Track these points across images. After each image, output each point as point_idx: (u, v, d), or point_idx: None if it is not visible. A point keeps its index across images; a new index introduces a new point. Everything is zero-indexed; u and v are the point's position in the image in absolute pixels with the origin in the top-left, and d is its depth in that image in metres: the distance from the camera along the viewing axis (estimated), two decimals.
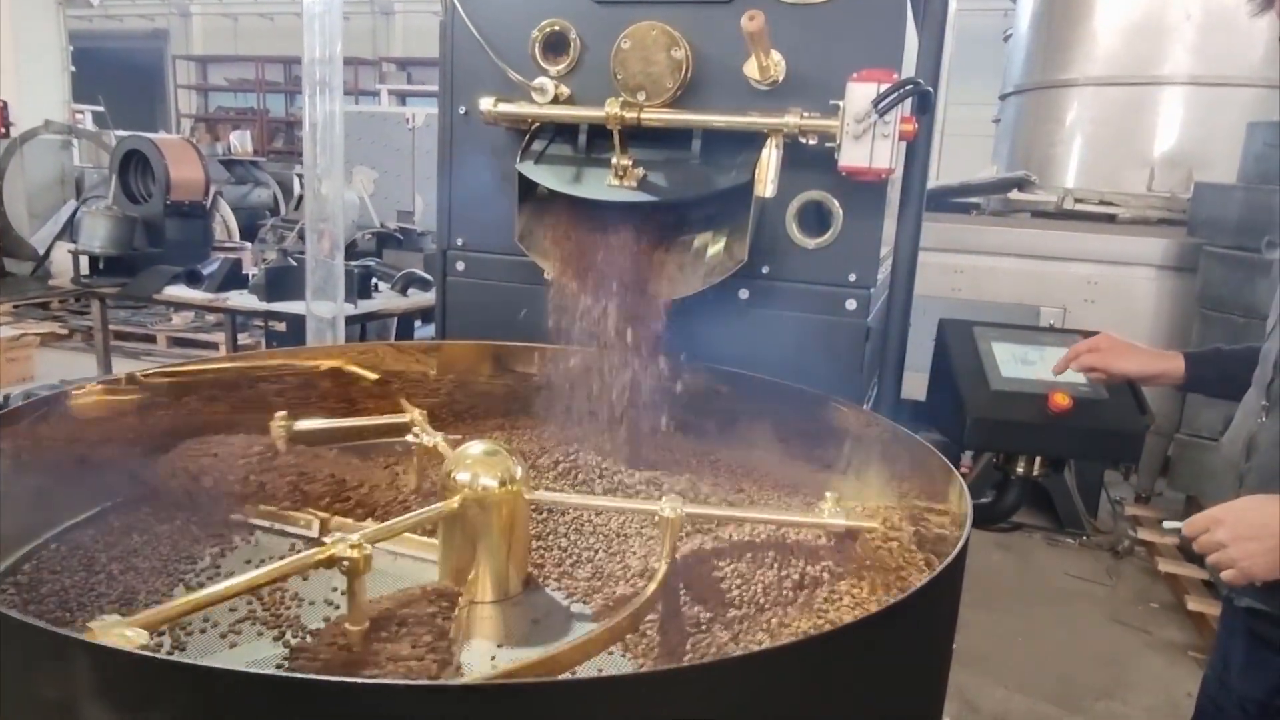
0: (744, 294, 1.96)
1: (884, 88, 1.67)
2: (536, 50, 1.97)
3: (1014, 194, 5.73)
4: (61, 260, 8.12)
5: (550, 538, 1.51)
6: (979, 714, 3.15)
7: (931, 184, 6.75)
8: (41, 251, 9.22)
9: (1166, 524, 1.58)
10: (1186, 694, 3.36)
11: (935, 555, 1.34)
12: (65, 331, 7.97)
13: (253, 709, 0.78)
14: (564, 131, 1.96)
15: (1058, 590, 4.21)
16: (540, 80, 1.93)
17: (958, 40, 8.32)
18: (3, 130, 9.73)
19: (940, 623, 1.15)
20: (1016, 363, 1.90)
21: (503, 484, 1.36)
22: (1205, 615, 3.79)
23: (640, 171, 1.85)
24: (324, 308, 3.12)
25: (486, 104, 1.95)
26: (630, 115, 1.81)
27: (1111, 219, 5.42)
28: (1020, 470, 1.95)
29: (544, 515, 1.54)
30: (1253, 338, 4.07)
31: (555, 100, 1.93)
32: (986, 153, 7.96)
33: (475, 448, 1.40)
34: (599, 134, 1.88)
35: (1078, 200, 5.52)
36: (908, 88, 1.67)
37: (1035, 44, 6.60)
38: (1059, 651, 3.61)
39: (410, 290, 4.95)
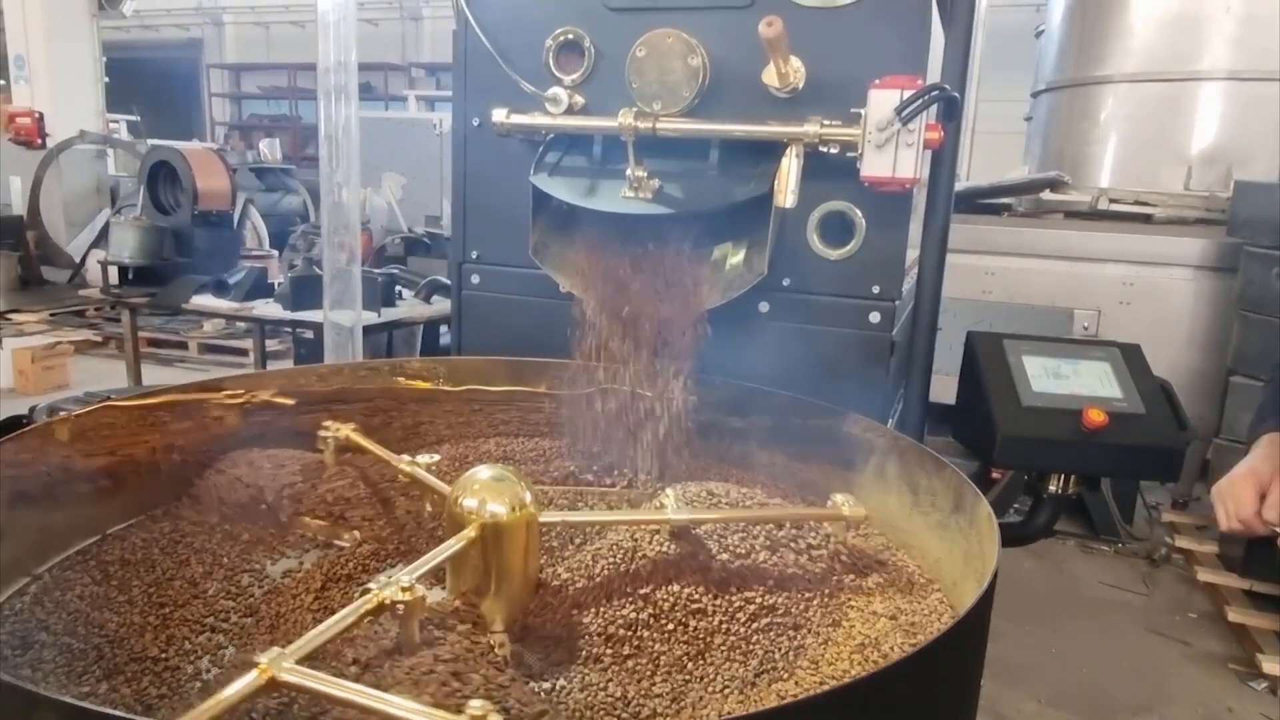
0: (764, 307, 1.91)
1: (907, 94, 1.61)
2: (550, 59, 1.94)
3: (1047, 194, 5.60)
4: (96, 269, 8.23)
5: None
6: None
7: (962, 184, 6.65)
8: (78, 260, 9.40)
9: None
10: (1228, 709, 3.26)
11: None
12: (100, 339, 8.06)
13: None
14: (578, 142, 1.92)
15: (1092, 599, 4.11)
16: (554, 90, 1.90)
17: (989, 36, 8.22)
18: (39, 141, 9.92)
19: (966, 668, 1.09)
20: (1049, 377, 1.83)
21: (513, 509, 1.33)
22: (1247, 627, 3.67)
23: (656, 183, 1.81)
24: (343, 316, 3.11)
25: (499, 115, 1.92)
26: (645, 125, 1.77)
27: (1147, 219, 5.29)
28: (1053, 488, 1.89)
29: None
30: None
31: (569, 110, 1.90)
32: (1019, 151, 7.81)
33: (484, 473, 1.37)
34: (614, 144, 1.84)
35: (1112, 200, 5.39)
36: (933, 94, 1.61)
37: (1068, 39, 6.47)
38: (1093, 663, 3.52)
39: (434, 297, 4.95)
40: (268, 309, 4.69)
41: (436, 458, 1.51)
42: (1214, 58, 5.69)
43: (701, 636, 1.20)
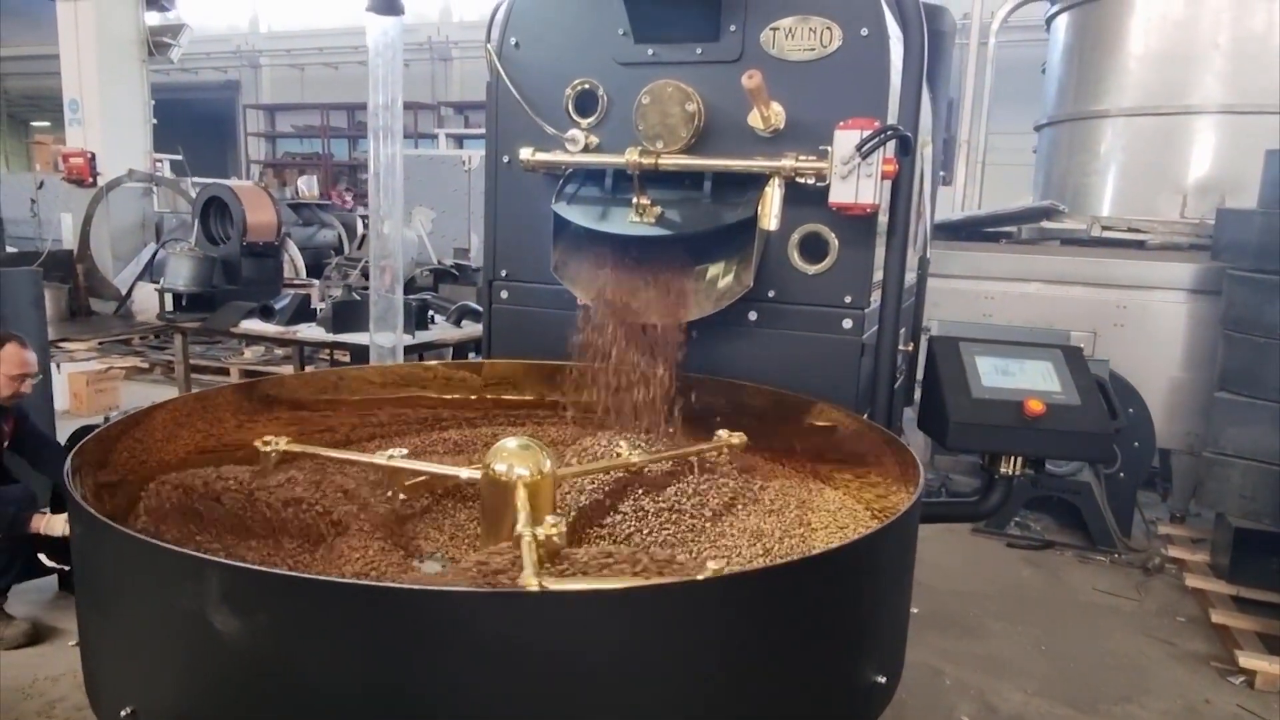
0: (753, 316, 2.21)
1: (866, 134, 1.92)
2: (569, 106, 2.27)
3: (1046, 223, 5.89)
4: (144, 299, 8.65)
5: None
6: (996, 715, 3.30)
7: (964, 214, 6.93)
8: (124, 291, 9.86)
9: None
10: (1205, 700, 3.47)
11: None
12: (146, 365, 8.47)
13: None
14: (593, 175, 2.25)
15: (1085, 604, 4.32)
16: (572, 132, 2.23)
17: (1003, 70, 8.49)
18: (90, 179, 10.45)
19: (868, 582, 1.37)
20: (997, 373, 2.12)
21: (535, 471, 1.63)
22: (1229, 628, 3.88)
23: (659, 209, 2.13)
24: (385, 338, 3.43)
25: (526, 153, 2.26)
26: (649, 161, 2.10)
27: (1141, 245, 5.56)
28: (1004, 470, 2.16)
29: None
30: (1273, 357, 4.20)
31: (585, 149, 2.23)
32: (1030, 182, 8.07)
33: (510, 443, 1.68)
34: (623, 177, 2.16)
35: (1105, 228, 5.67)
36: (886, 134, 1.92)
37: (1067, 76, 6.77)
38: (1081, 660, 3.73)
39: (464, 322, 5.29)
40: (311, 332, 5.04)
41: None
42: (1205, 92, 5.96)
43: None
